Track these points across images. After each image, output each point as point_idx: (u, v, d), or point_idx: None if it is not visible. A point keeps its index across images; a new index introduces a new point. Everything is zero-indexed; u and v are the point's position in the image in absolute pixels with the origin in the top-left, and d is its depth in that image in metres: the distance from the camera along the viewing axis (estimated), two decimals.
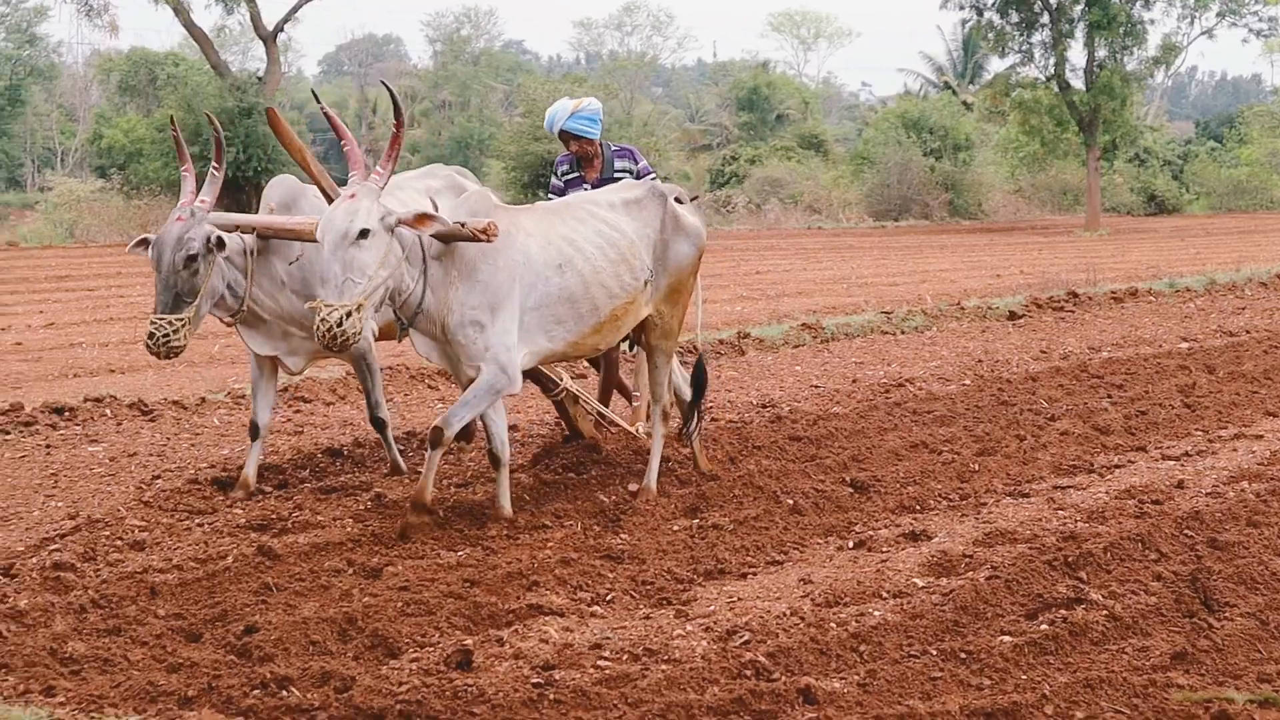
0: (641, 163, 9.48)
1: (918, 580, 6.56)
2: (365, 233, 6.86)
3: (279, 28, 41.99)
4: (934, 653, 5.58)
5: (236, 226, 8.10)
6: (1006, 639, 5.66)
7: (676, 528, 7.58)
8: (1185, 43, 48.78)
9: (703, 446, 8.98)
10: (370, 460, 9.33)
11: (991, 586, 6.26)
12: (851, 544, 7.34)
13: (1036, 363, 13.50)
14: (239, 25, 47.48)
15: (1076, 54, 45.10)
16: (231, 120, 37.17)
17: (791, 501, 8.00)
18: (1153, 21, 46.65)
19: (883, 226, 45.79)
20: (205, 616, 6.13)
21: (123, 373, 13.42)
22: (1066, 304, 18.38)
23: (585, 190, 9.14)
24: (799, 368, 13.49)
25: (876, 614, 6.03)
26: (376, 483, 8.60)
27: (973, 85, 65.02)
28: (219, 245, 7.85)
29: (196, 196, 7.99)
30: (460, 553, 7.11)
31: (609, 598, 6.46)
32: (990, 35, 46.14)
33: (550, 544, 7.20)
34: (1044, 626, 5.78)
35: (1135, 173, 56.10)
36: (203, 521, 7.81)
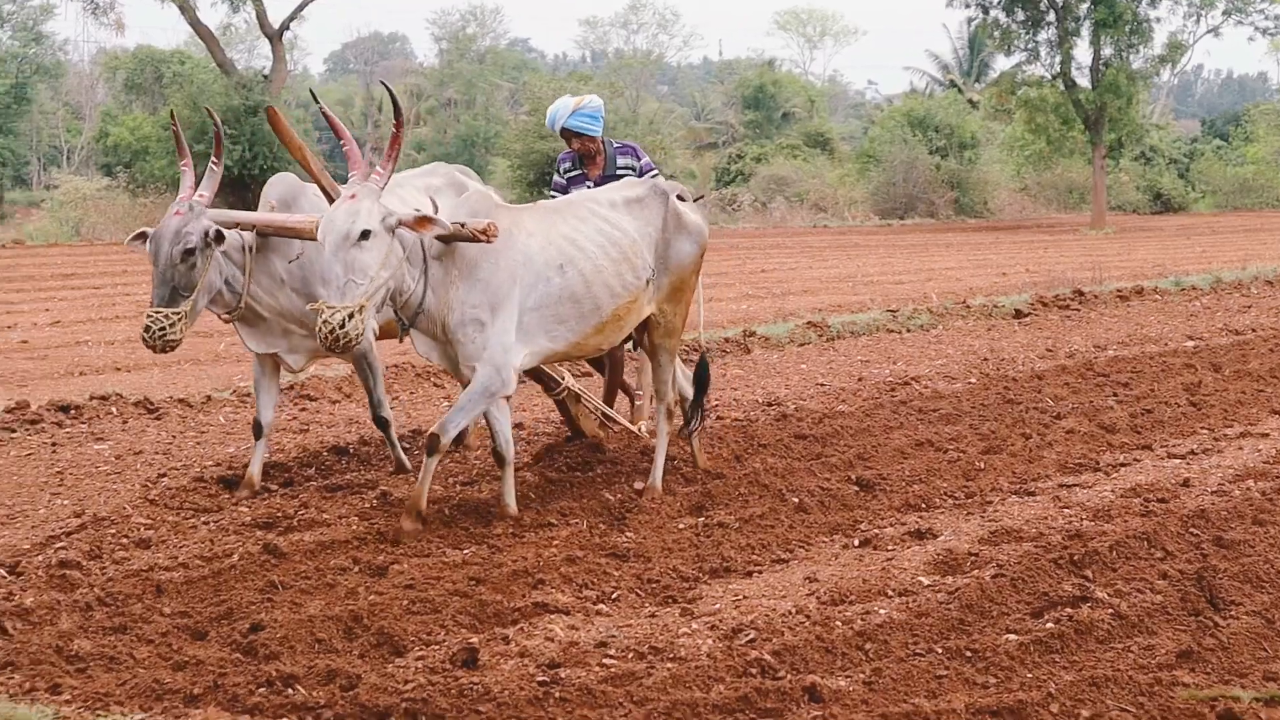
0: (644, 159, 9.47)
1: (923, 579, 6.56)
2: (367, 234, 6.85)
3: (285, 26, 42.02)
4: (939, 651, 5.57)
5: (236, 224, 8.08)
6: (1012, 637, 5.66)
7: (682, 526, 7.58)
8: (1191, 41, 48.84)
9: (703, 445, 8.98)
10: (376, 458, 9.33)
11: (997, 585, 6.26)
12: (857, 542, 7.33)
13: (1042, 361, 13.49)
14: (245, 23, 47.50)
15: (1082, 52, 45.10)
16: (237, 118, 37.17)
17: (797, 500, 7.99)
18: (1158, 20, 46.85)
19: (888, 225, 45.77)
20: (211, 614, 6.14)
21: (129, 371, 13.44)
22: (1072, 302, 18.36)
23: (588, 187, 9.13)
24: (804, 366, 13.49)
25: (882, 612, 6.03)
26: (382, 481, 8.61)
27: (979, 83, 64.95)
28: (218, 239, 7.85)
29: (195, 191, 7.99)
30: (466, 551, 7.11)
31: (614, 596, 6.46)
32: (996, 33, 46.08)
33: (556, 542, 7.20)
34: (1049, 625, 5.78)
35: (1141, 171, 56.05)
36: (208, 519, 7.82)
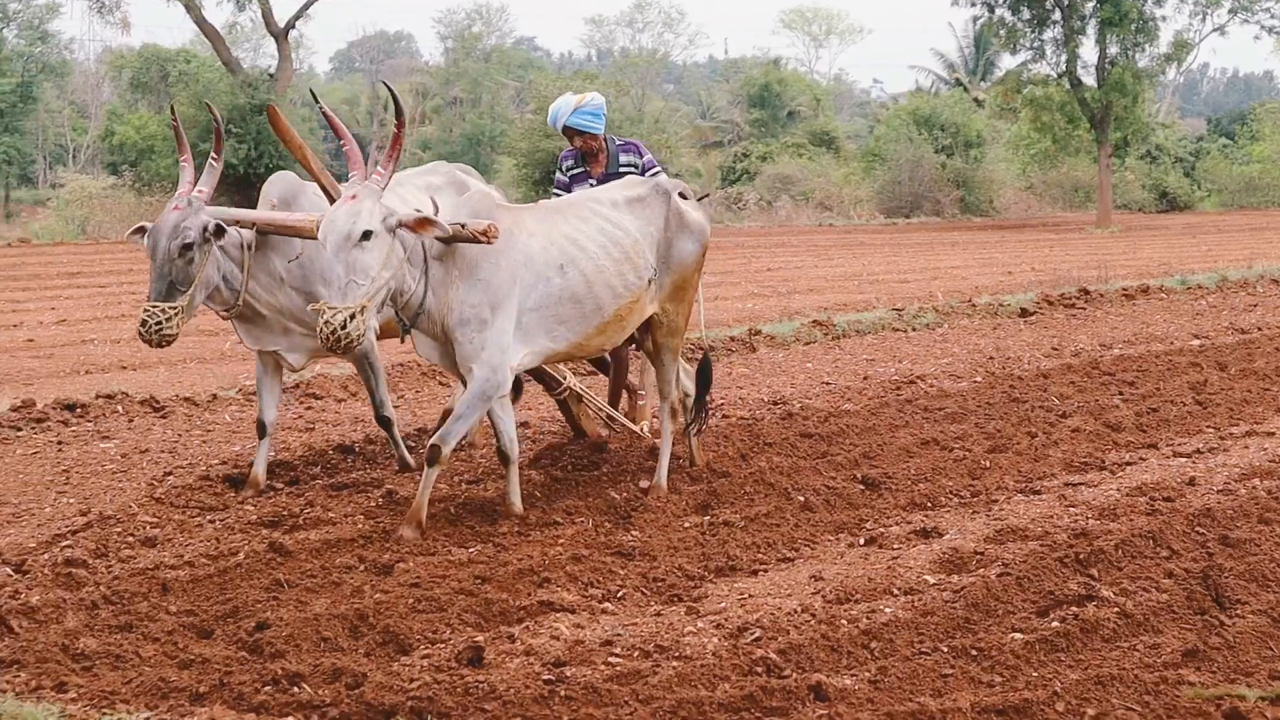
0: (646, 157, 9.46)
1: (929, 577, 6.56)
2: (368, 234, 6.84)
3: (290, 24, 42.08)
4: (945, 650, 5.57)
5: (236, 221, 8.06)
6: (1018, 636, 5.66)
7: (687, 525, 7.58)
8: (1197, 39, 48.83)
9: (709, 444, 8.99)
10: (381, 457, 9.33)
11: (1003, 584, 6.25)
12: (863, 541, 7.33)
13: (1048, 360, 13.49)
14: (250, 22, 47.71)
15: (1088, 51, 45.11)
16: (243, 117, 37.22)
17: (803, 498, 7.99)
18: (1164, 18, 46.82)
19: (894, 223, 45.76)
20: (216, 613, 6.14)
21: (134, 369, 13.46)
22: (1078, 301, 18.35)
23: (591, 185, 9.12)
24: (810, 365, 13.49)
25: (888, 611, 6.03)
26: (388, 479, 8.61)
27: (984, 82, 64.91)
28: (218, 233, 7.84)
29: (194, 187, 8.00)
30: (471, 549, 7.11)
31: (620, 594, 6.46)
32: (1002, 32, 46.05)
33: (561, 541, 7.20)
34: (1055, 624, 5.77)
35: (1147, 170, 56.03)
36: (214, 518, 7.83)
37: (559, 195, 9.23)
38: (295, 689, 5.26)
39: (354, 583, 6.48)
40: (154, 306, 7.78)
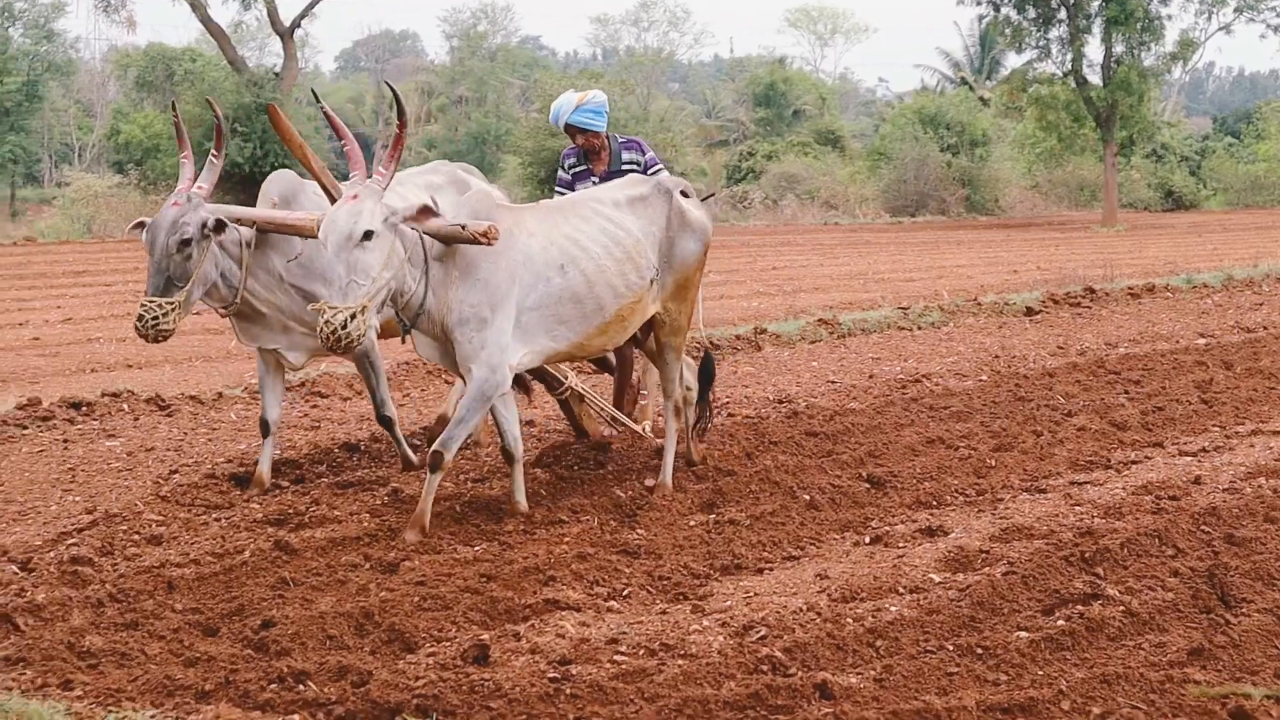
0: (649, 154, 9.45)
1: (934, 576, 6.56)
2: (369, 234, 6.82)
3: (296, 23, 42.09)
4: (950, 648, 5.58)
5: (236, 219, 8.05)
6: (1023, 635, 5.66)
7: (693, 523, 7.58)
8: (1203, 38, 48.62)
9: (708, 443, 8.99)
10: (387, 455, 9.33)
11: (1008, 582, 6.25)
12: (868, 539, 7.33)
13: (1053, 359, 13.48)
14: (256, 21, 47.66)
15: (1094, 50, 45.02)
16: (248, 115, 37.23)
17: (808, 497, 7.99)
18: (1170, 17, 46.63)
19: (899, 222, 45.73)
20: (222, 611, 6.15)
21: (140, 368, 13.46)
22: (1083, 300, 18.33)
23: (593, 183, 9.12)
24: (815, 363, 13.48)
25: (893, 609, 6.03)
26: (393, 477, 8.60)
27: (990, 81, 64.87)
28: (218, 228, 7.84)
29: (194, 183, 7.99)
30: (477, 548, 7.12)
31: (625, 593, 6.46)
32: (1007, 31, 45.99)
33: (567, 539, 7.20)
34: (1061, 622, 5.77)
35: (1152, 169, 55.96)
36: (220, 516, 7.83)
37: (562, 193, 9.23)
38: (301, 687, 5.27)
39: (359, 581, 6.49)
40: (151, 301, 7.78)
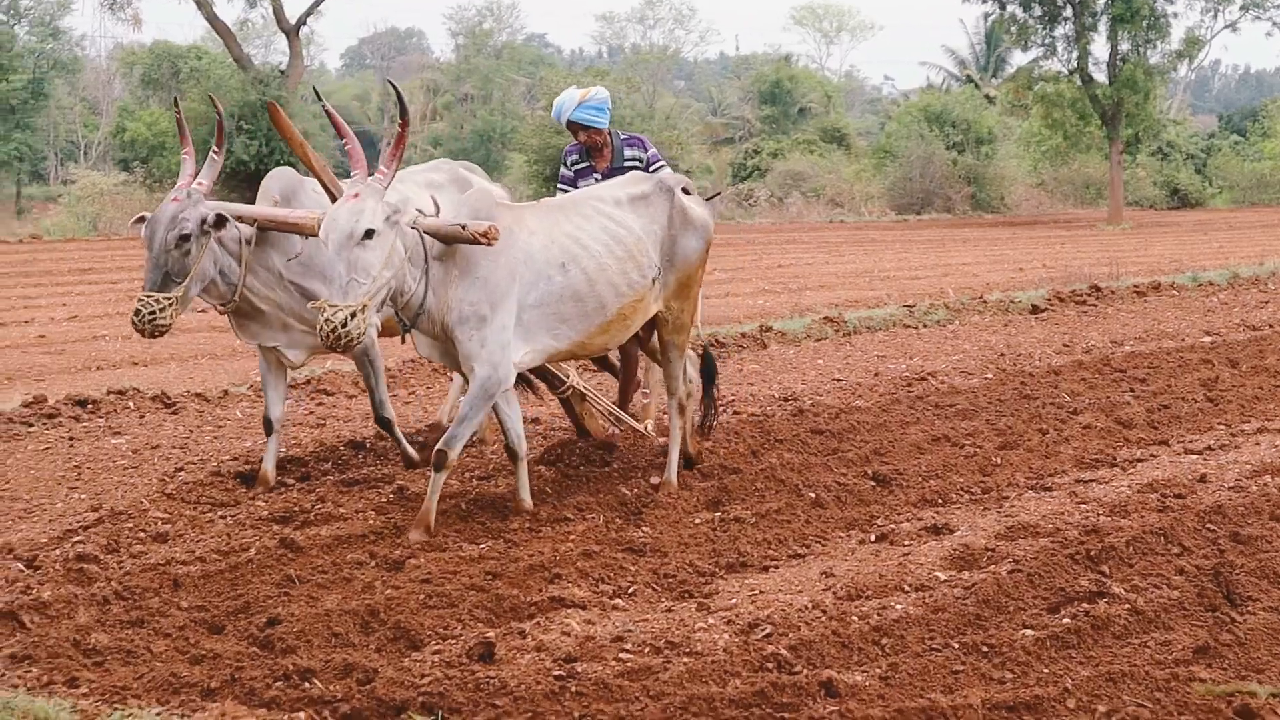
0: (651, 151, 9.45)
1: (939, 574, 6.55)
2: (370, 233, 6.82)
3: (301, 21, 42.11)
4: (956, 646, 5.57)
5: (236, 217, 8.05)
6: (1028, 633, 5.65)
7: (698, 521, 7.58)
8: (1208, 36, 48.68)
9: (713, 440, 8.99)
10: (392, 453, 9.33)
11: (1013, 580, 6.25)
12: (873, 537, 7.33)
13: (1059, 356, 13.47)
14: (261, 19, 47.63)
15: (1099, 47, 45.05)
16: (254, 113, 37.25)
17: (813, 495, 7.99)
18: (1176, 15, 46.77)
19: (905, 220, 45.71)
20: (228, 608, 6.15)
21: (145, 365, 13.48)
22: (1089, 298, 18.32)
23: (595, 180, 9.11)
24: (821, 361, 13.47)
25: (898, 607, 6.02)
26: (399, 475, 8.61)
27: (995, 79, 64.82)
28: (218, 223, 7.84)
29: (194, 179, 7.99)
30: (482, 545, 7.12)
31: (631, 590, 6.46)
32: (1013, 28, 45.99)
33: (572, 537, 7.20)
34: (1066, 620, 5.77)
35: (1158, 166, 55.93)
36: (225, 514, 7.83)
37: (564, 190, 9.23)
38: (306, 684, 5.27)
39: (365, 578, 6.49)
40: (148, 297, 7.77)
